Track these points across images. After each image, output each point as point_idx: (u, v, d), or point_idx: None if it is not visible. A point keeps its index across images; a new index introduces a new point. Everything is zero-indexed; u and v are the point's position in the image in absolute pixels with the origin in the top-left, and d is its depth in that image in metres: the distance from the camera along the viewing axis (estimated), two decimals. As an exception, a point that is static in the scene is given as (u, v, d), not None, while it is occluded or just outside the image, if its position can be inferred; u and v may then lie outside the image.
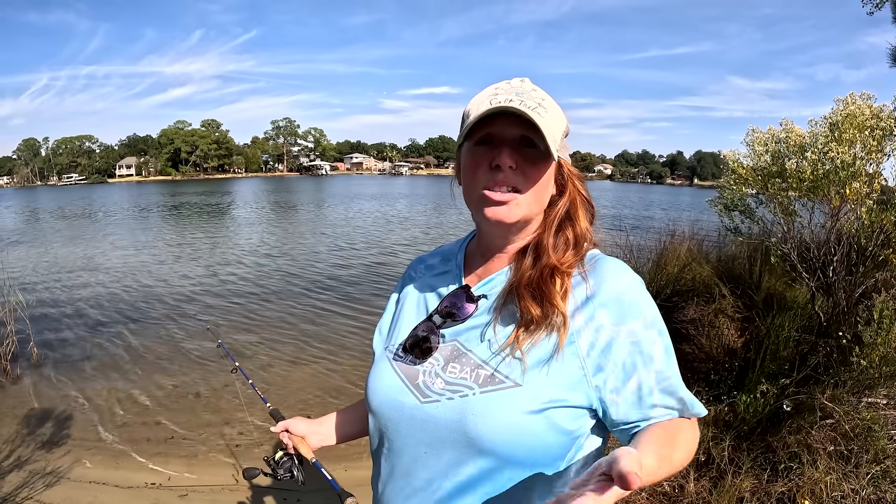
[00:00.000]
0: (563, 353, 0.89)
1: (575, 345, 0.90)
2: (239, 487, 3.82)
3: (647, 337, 0.91)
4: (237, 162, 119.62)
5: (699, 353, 4.01)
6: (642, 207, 35.90)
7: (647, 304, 0.93)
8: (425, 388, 0.96)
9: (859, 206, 3.09)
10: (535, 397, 0.87)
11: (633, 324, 0.90)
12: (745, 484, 2.66)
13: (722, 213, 3.95)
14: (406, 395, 0.97)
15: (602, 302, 0.91)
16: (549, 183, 0.99)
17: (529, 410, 0.87)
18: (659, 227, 6.30)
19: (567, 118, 1.02)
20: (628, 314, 0.91)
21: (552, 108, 0.96)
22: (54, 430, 4.73)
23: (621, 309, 0.91)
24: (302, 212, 30.66)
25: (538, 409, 0.87)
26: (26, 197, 58.41)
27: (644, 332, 0.91)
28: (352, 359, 6.56)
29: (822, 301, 3.54)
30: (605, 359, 0.89)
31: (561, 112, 0.99)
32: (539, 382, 0.88)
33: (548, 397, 0.88)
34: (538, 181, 0.96)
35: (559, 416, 0.88)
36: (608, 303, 0.91)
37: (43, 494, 3.64)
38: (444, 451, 0.93)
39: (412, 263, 1.25)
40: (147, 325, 8.00)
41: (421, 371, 0.98)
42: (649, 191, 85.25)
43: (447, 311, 1.00)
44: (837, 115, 3.17)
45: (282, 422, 1.37)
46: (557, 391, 0.88)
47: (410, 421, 0.96)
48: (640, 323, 0.91)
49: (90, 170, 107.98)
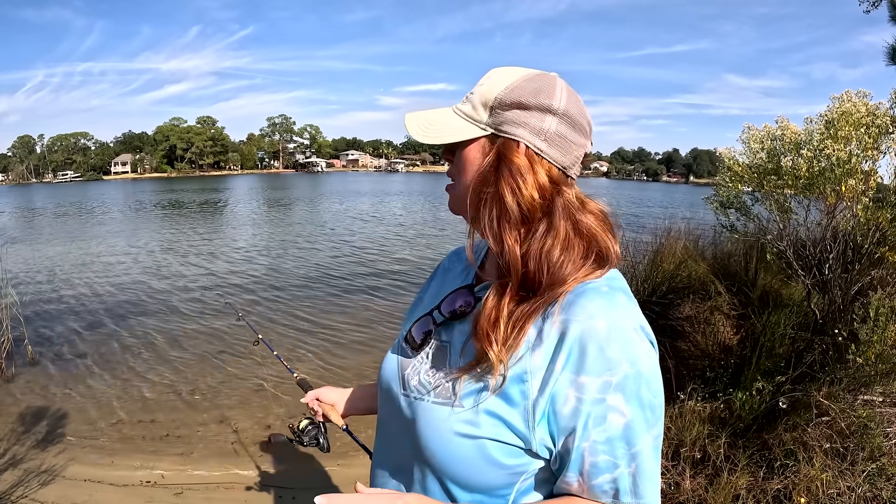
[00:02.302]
0: (513, 388, 0.82)
1: (527, 384, 0.81)
2: (234, 486, 3.81)
3: (606, 400, 0.77)
4: (233, 159, 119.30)
5: (695, 350, 4.02)
6: (638, 205, 35.92)
7: (624, 361, 0.77)
8: (406, 381, 0.97)
9: (855, 203, 3.10)
10: (472, 423, 0.83)
11: (591, 380, 0.77)
12: (741, 481, 2.66)
13: (718, 210, 3.96)
14: (395, 383, 1.00)
15: (564, 343, 0.79)
16: (472, 166, 0.89)
17: (462, 433, 0.84)
18: (655, 225, 6.29)
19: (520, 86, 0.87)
20: (591, 367, 0.77)
21: (481, 88, 0.89)
22: (49, 428, 4.71)
23: (584, 359, 0.78)
24: (298, 209, 30.63)
25: (472, 435, 0.83)
26: (21, 194, 58.21)
27: (601, 394, 0.77)
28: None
29: (817, 298, 3.54)
30: (554, 408, 0.80)
31: (495, 84, 0.88)
32: (480, 410, 0.83)
33: (486, 428, 0.82)
34: (461, 166, 0.91)
35: (493, 448, 0.83)
36: (571, 347, 0.78)
37: (38, 493, 3.63)
38: (405, 442, 0.95)
39: (450, 253, 1.23)
40: (141, 323, 7.97)
41: (411, 364, 0.98)
42: (645, 188, 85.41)
43: (446, 310, 0.99)
44: (833, 113, 3.17)
45: (311, 391, 1.42)
46: (496, 425, 0.82)
47: (394, 406, 0.98)
48: (600, 381, 0.77)
49: (85, 167, 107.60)
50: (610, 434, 0.78)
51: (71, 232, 20.45)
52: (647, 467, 0.79)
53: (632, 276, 5.18)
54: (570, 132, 0.88)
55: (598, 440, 0.78)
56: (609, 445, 0.78)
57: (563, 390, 0.79)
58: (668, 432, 3.14)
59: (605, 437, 0.78)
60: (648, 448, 0.79)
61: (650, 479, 0.80)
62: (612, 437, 0.78)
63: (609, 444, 0.78)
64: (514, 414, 0.81)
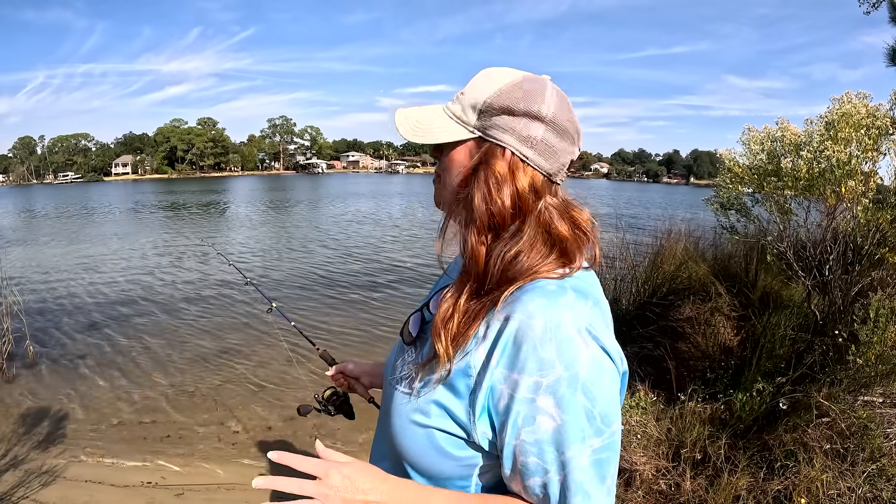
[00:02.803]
0: (459, 380, 0.84)
1: (471, 378, 0.82)
2: (235, 486, 3.81)
3: (535, 401, 0.76)
4: (233, 160, 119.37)
5: (695, 351, 4.02)
6: (638, 206, 35.92)
7: (560, 363, 0.76)
8: (394, 370, 1.01)
9: (855, 204, 3.11)
10: (422, 412, 0.87)
11: (523, 378, 0.77)
12: (742, 482, 2.67)
13: (718, 211, 3.97)
14: (388, 371, 1.05)
15: (499, 339, 0.80)
16: (457, 168, 0.91)
17: (415, 422, 0.88)
18: (655, 226, 6.30)
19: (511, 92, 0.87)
20: (525, 366, 0.77)
21: (471, 89, 0.89)
22: (50, 428, 4.72)
23: (517, 356, 0.77)
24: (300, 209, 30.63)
25: (422, 423, 0.87)
26: (22, 195, 58.19)
27: (531, 394, 0.76)
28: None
29: (818, 299, 3.55)
30: (490, 402, 0.81)
31: (486, 87, 0.88)
32: (429, 399, 0.86)
33: (434, 417, 0.86)
34: (446, 165, 0.93)
35: (441, 438, 0.86)
36: (507, 344, 0.79)
37: (39, 493, 3.63)
38: (385, 428, 0.99)
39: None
40: (142, 324, 7.97)
41: (402, 356, 1.02)
42: (645, 189, 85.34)
43: (431, 306, 1.03)
44: (833, 114, 3.18)
45: (335, 365, 1.45)
46: (442, 416, 0.85)
47: (386, 393, 1.06)
48: (531, 381, 0.76)
49: (86, 168, 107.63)
50: (538, 437, 0.77)
51: (72, 233, 20.43)
52: (579, 479, 0.76)
53: (632, 278, 5.19)
54: (558, 140, 0.87)
55: (527, 440, 0.78)
56: (538, 448, 0.77)
57: (498, 385, 0.79)
58: (668, 433, 3.14)
59: (534, 438, 0.77)
60: (584, 459, 0.76)
61: (583, 493, 0.76)
62: (541, 440, 0.77)
63: (538, 446, 0.77)
64: (459, 406, 0.84)
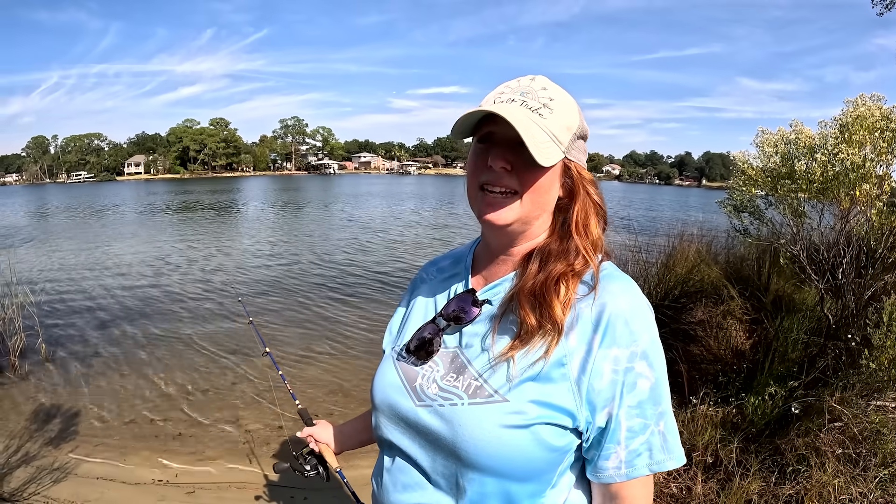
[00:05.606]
0: (555, 371, 0.87)
1: (566, 366, 0.87)
2: (246, 485, 3.83)
3: (634, 368, 0.87)
4: (245, 160, 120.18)
5: (707, 354, 4.00)
6: (651, 208, 35.78)
7: (644, 332, 0.89)
8: (420, 392, 0.97)
9: (869, 208, 3.08)
10: (520, 413, 0.86)
11: (621, 351, 0.87)
12: (753, 486, 2.65)
13: (731, 214, 3.94)
14: (403, 396, 0.99)
15: (599, 323, 0.88)
16: (549, 186, 0.94)
17: (513, 425, 0.86)
18: (667, 229, 6.27)
19: (583, 118, 0.97)
20: (620, 340, 0.87)
21: (561, 109, 0.92)
22: (62, 425, 4.76)
23: (614, 334, 0.87)
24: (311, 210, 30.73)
25: (523, 424, 0.86)
26: (35, 194, 58.80)
27: (630, 363, 0.87)
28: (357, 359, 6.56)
29: (830, 303, 3.52)
30: (592, 384, 0.87)
31: (574, 112, 0.94)
32: (526, 399, 0.87)
33: (534, 414, 0.86)
34: (534, 184, 0.92)
35: (545, 432, 0.87)
36: (604, 325, 0.87)
37: (50, 490, 3.66)
38: (434, 454, 0.95)
39: (424, 266, 1.26)
40: (154, 323, 8.03)
41: (420, 374, 0.99)
42: (657, 191, 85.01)
43: (452, 315, 1.01)
44: (847, 117, 3.15)
45: (307, 428, 1.45)
46: (544, 409, 0.87)
47: (406, 421, 0.98)
48: (628, 352, 0.87)
49: (99, 168, 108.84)
50: (640, 398, 0.88)
51: (84, 232, 20.61)
52: (671, 424, 0.91)
53: (644, 280, 5.16)
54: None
55: (630, 405, 0.87)
56: (640, 409, 0.88)
57: (601, 363, 0.87)
58: (679, 436, 3.12)
59: (637, 401, 0.87)
60: (670, 406, 0.91)
61: (675, 434, 0.91)
62: (642, 400, 0.88)
63: (640, 407, 0.88)
64: (560, 395, 0.88)
